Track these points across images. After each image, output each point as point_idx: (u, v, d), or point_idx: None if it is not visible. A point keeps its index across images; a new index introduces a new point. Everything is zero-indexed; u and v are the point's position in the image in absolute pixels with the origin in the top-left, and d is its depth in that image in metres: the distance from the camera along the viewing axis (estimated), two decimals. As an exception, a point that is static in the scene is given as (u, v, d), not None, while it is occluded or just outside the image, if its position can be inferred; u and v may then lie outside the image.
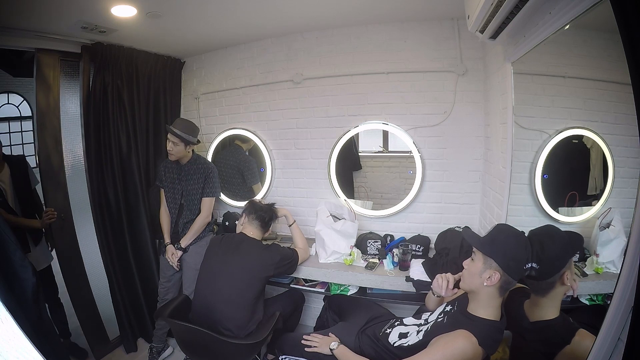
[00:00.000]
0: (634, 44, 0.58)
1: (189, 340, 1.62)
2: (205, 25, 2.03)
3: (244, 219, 1.87)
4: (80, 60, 2.02)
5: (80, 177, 2.12)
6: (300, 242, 1.96)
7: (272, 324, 1.66)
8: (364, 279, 1.85)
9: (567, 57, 1.34)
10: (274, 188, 2.51)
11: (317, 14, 1.96)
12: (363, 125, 2.22)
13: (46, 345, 1.16)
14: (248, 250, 1.71)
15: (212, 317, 1.62)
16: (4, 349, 0.58)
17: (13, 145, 6.02)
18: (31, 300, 1.14)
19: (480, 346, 1.06)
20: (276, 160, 2.49)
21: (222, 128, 2.59)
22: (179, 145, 1.98)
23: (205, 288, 1.70)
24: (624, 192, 1.34)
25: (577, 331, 1.09)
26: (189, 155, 2.08)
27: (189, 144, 2.02)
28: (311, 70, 2.26)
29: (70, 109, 2.09)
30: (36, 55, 1.86)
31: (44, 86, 1.92)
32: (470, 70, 1.97)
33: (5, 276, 1.05)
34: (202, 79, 2.63)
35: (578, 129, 1.45)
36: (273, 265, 1.70)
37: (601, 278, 1.36)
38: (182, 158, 2.05)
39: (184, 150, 2.01)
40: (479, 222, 2.08)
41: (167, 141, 2.00)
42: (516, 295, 1.29)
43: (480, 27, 1.31)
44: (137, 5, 1.63)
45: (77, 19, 1.71)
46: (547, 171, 1.55)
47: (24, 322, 0.65)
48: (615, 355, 0.70)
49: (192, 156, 2.11)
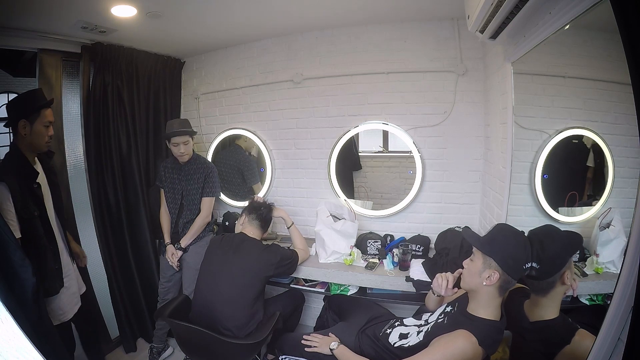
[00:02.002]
0: (634, 44, 0.58)
1: (189, 340, 1.63)
2: (206, 25, 2.03)
3: (244, 218, 1.87)
4: (81, 61, 2.02)
5: (81, 177, 2.12)
6: (299, 244, 1.95)
7: (272, 324, 1.66)
8: (364, 279, 1.85)
9: (567, 57, 1.34)
10: (274, 188, 2.51)
11: (317, 14, 1.96)
12: (363, 125, 2.22)
13: (46, 345, 1.16)
14: (248, 250, 1.71)
15: (212, 316, 1.62)
16: (4, 349, 0.58)
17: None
18: (31, 300, 1.14)
19: (480, 346, 1.06)
20: (276, 160, 2.49)
21: (222, 128, 2.59)
22: (188, 143, 2.05)
23: (205, 288, 1.70)
24: (624, 192, 1.34)
25: (577, 331, 1.09)
26: (191, 153, 2.10)
27: (194, 135, 2.09)
28: (311, 70, 2.26)
29: (72, 109, 2.10)
30: (38, 56, 1.87)
31: (46, 86, 1.92)
32: (470, 70, 1.97)
33: (5, 276, 1.05)
34: (202, 79, 2.63)
35: (578, 129, 1.45)
36: (273, 265, 1.70)
37: (601, 278, 1.37)
38: (184, 156, 2.07)
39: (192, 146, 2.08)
40: (479, 222, 2.08)
41: (176, 146, 2.01)
42: (516, 295, 1.29)
43: (480, 27, 1.31)
44: (137, 5, 1.63)
45: (77, 19, 1.71)
46: (547, 171, 1.55)
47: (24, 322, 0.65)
48: (615, 355, 0.70)
49: (192, 155, 2.12)
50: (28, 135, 1.47)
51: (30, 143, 1.48)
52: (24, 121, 1.45)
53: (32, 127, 1.47)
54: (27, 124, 1.46)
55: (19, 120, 1.44)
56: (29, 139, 1.48)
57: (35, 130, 1.48)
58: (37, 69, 1.88)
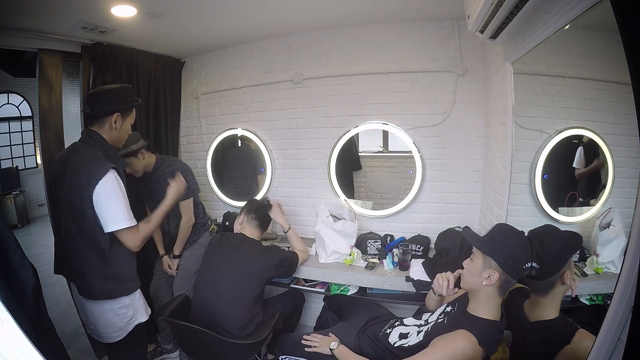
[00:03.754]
0: (634, 44, 0.58)
1: (189, 340, 1.62)
2: (206, 25, 2.03)
3: (243, 218, 1.85)
4: (81, 60, 2.02)
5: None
6: (298, 245, 1.93)
7: (272, 324, 1.66)
8: (364, 279, 1.85)
9: (567, 57, 1.34)
10: (274, 188, 2.51)
11: (317, 14, 1.96)
12: (363, 125, 2.22)
13: (46, 345, 1.16)
14: (248, 252, 1.70)
15: (211, 317, 1.61)
16: (4, 349, 0.58)
17: (13, 145, 6.02)
18: (31, 300, 1.14)
19: (480, 346, 1.06)
20: (276, 160, 2.49)
21: (222, 128, 2.59)
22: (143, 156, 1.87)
23: (204, 289, 1.69)
24: (624, 192, 1.34)
25: (577, 331, 1.09)
26: (151, 161, 1.94)
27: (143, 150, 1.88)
28: (311, 70, 2.26)
29: (72, 109, 2.10)
30: (39, 56, 1.87)
31: (47, 86, 1.92)
32: (470, 70, 1.97)
33: (5, 276, 1.04)
34: (202, 79, 2.63)
35: (578, 129, 1.45)
36: (273, 267, 1.69)
37: (601, 278, 1.37)
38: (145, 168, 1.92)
39: (148, 157, 1.91)
40: (479, 222, 2.08)
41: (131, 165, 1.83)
42: (516, 295, 1.29)
43: (480, 27, 1.31)
44: (137, 5, 1.63)
45: (77, 19, 1.71)
46: (547, 171, 1.55)
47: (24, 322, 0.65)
48: (615, 355, 0.70)
49: (155, 162, 1.95)
50: (117, 130, 1.47)
51: (115, 138, 1.48)
52: (118, 114, 1.45)
53: (123, 123, 1.48)
54: (119, 118, 1.45)
55: (114, 113, 1.44)
56: (117, 134, 1.48)
57: (124, 126, 1.49)
58: (37, 69, 1.88)
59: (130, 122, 1.53)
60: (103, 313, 1.43)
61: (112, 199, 1.32)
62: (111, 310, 1.43)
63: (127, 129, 1.53)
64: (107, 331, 1.46)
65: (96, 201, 1.29)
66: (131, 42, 2.16)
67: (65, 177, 1.34)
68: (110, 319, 1.44)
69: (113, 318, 1.45)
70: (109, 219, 1.32)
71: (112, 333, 1.46)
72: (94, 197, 1.29)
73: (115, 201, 1.32)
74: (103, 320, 1.44)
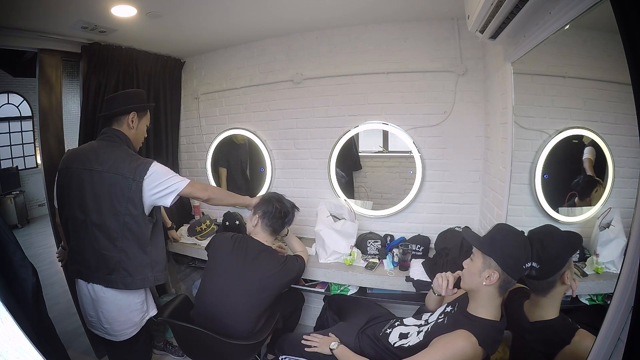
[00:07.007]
0: (634, 44, 0.58)
1: (188, 339, 1.62)
2: (205, 26, 2.03)
3: (257, 220, 1.73)
4: (80, 60, 2.02)
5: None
6: (298, 246, 1.91)
7: (272, 324, 1.66)
8: (364, 279, 1.85)
9: (567, 57, 1.34)
10: (274, 188, 2.51)
11: (317, 14, 1.96)
12: (363, 125, 2.22)
13: (46, 345, 1.16)
14: (265, 266, 1.62)
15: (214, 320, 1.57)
16: (4, 349, 0.58)
17: (13, 145, 6.02)
18: (31, 300, 1.14)
19: (480, 346, 1.06)
20: (276, 160, 2.49)
21: (222, 128, 2.59)
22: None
23: (214, 296, 1.61)
24: (624, 192, 1.34)
25: (576, 331, 1.09)
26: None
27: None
28: (311, 70, 2.26)
29: (72, 109, 2.10)
30: (39, 56, 1.87)
31: (47, 86, 1.92)
32: (470, 70, 1.97)
33: (5, 276, 1.04)
34: (202, 79, 2.63)
35: (578, 129, 1.45)
36: (291, 281, 1.69)
37: (601, 278, 1.36)
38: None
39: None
40: (479, 222, 2.08)
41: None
42: (516, 296, 1.29)
43: (480, 27, 1.31)
44: (137, 5, 1.63)
45: (77, 19, 1.71)
46: (547, 171, 1.55)
47: (24, 322, 0.65)
48: (615, 355, 0.70)
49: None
50: (134, 129, 1.54)
51: (133, 137, 1.55)
52: (134, 113, 1.52)
53: (139, 122, 1.55)
54: (135, 117, 1.53)
55: (130, 112, 1.51)
56: (134, 133, 1.55)
57: (140, 126, 1.57)
58: (37, 69, 1.88)
59: (145, 123, 1.59)
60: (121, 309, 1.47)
61: (164, 177, 1.43)
62: (130, 306, 1.48)
63: (143, 130, 1.59)
64: (123, 327, 1.49)
65: (149, 188, 1.39)
66: (131, 42, 2.15)
67: (101, 173, 1.39)
68: (128, 314, 1.49)
69: (131, 314, 1.49)
70: (169, 191, 1.43)
71: (128, 329, 1.50)
72: (145, 186, 1.39)
73: (168, 175, 1.45)
74: (121, 317, 1.48)
